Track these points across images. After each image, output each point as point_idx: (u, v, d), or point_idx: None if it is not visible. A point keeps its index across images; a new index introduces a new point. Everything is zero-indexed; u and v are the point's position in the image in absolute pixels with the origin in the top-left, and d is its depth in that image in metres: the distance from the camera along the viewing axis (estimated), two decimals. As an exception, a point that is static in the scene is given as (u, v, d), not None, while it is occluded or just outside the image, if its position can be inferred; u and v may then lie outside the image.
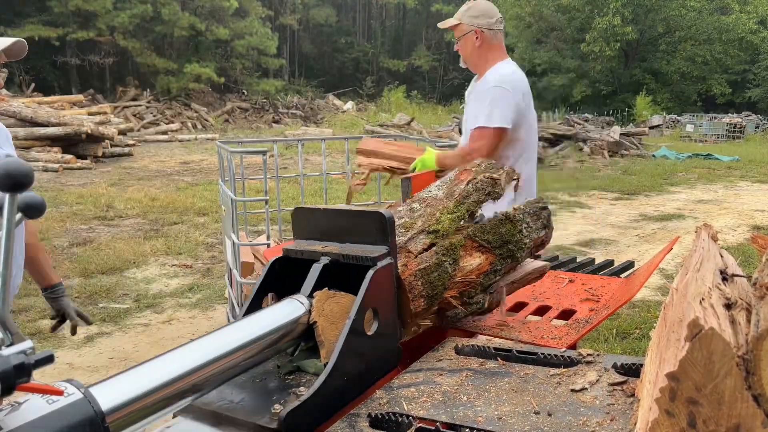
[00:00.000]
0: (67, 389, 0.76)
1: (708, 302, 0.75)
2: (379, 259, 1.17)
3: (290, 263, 1.27)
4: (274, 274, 1.26)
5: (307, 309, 1.13)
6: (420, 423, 1.03)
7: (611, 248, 6.62)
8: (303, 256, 1.24)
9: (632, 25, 31.35)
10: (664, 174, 12.63)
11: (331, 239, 1.26)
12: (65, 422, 0.73)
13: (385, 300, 1.19)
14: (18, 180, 0.81)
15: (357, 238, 1.23)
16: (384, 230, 1.19)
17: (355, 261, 1.18)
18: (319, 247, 1.25)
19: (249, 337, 1.04)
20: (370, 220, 1.21)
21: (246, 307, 1.22)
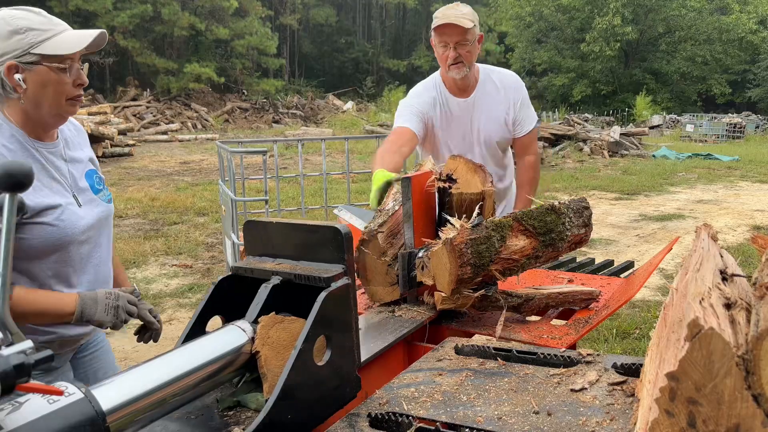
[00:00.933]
0: (68, 389, 0.76)
1: (708, 302, 0.75)
2: (334, 279, 1.04)
3: (240, 282, 1.14)
4: (222, 295, 1.13)
5: (250, 337, 1.01)
6: (420, 423, 1.03)
7: (611, 248, 6.62)
8: (253, 274, 1.12)
9: (632, 25, 31.35)
10: (664, 174, 12.63)
11: (285, 256, 1.14)
12: (66, 422, 0.73)
13: (341, 325, 1.06)
14: (18, 180, 0.81)
15: (312, 255, 1.11)
16: (339, 247, 1.07)
17: (307, 281, 1.06)
18: (270, 265, 1.13)
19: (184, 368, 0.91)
20: (325, 235, 1.08)
21: (186, 331, 1.09)
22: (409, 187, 1.63)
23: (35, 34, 1.40)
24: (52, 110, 1.45)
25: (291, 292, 1.09)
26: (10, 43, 1.38)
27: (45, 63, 1.40)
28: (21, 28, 1.39)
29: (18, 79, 1.39)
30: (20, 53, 1.39)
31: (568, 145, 15.88)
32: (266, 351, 1.01)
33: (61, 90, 1.44)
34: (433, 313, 1.62)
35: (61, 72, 1.42)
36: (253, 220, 1.19)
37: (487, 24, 36.82)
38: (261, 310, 1.05)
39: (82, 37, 1.46)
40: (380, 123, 20.96)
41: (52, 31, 1.43)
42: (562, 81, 33.45)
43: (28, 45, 1.39)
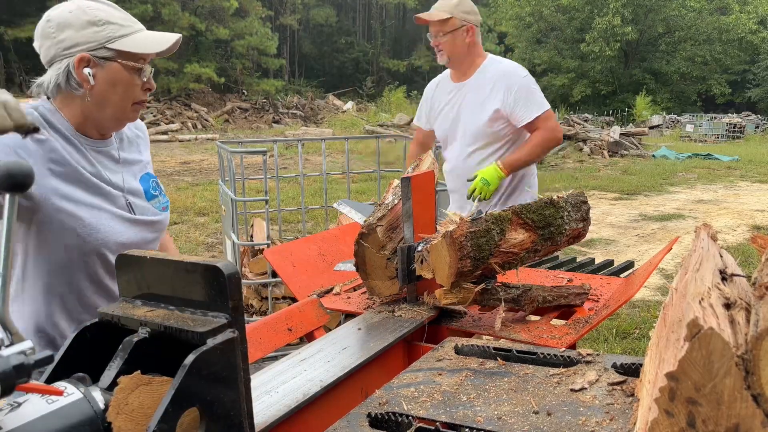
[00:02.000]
0: (67, 389, 0.76)
1: (707, 302, 0.75)
2: (212, 334, 0.83)
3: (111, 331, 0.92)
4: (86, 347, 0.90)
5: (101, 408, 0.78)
6: (420, 423, 1.03)
7: (611, 248, 6.62)
8: (119, 323, 0.92)
9: (632, 25, 31.36)
10: (664, 174, 12.63)
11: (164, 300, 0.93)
12: (65, 422, 0.73)
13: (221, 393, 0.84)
14: (18, 180, 0.81)
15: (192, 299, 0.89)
16: (222, 291, 0.85)
17: (178, 335, 0.85)
18: (141, 311, 0.91)
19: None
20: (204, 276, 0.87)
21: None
22: (409, 186, 1.63)
23: (114, 29, 1.30)
24: (115, 113, 1.35)
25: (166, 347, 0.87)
26: (85, 33, 1.28)
27: (120, 60, 1.31)
28: (99, 20, 1.29)
29: (87, 73, 1.28)
30: (95, 46, 1.28)
31: (568, 145, 15.88)
32: (122, 422, 0.78)
33: (130, 92, 1.34)
34: (433, 313, 1.62)
35: (134, 72, 1.33)
36: (127, 254, 0.96)
37: (487, 24, 36.83)
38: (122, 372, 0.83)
39: (162, 39, 1.37)
40: (380, 123, 20.95)
41: (131, 28, 1.34)
42: (562, 81, 33.46)
43: (105, 39, 1.29)
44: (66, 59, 1.28)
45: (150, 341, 0.88)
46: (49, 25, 1.29)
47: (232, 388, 0.87)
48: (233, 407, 0.87)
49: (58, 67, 1.30)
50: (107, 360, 0.86)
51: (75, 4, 1.30)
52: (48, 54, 1.31)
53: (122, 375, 0.82)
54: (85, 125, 1.36)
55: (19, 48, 24.06)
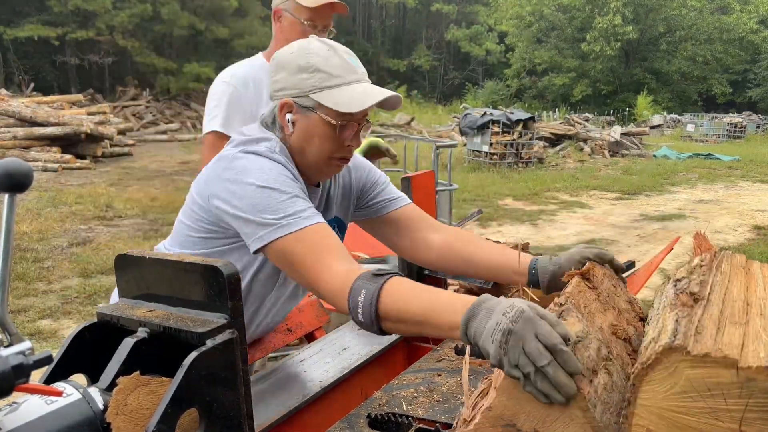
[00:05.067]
0: (66, 390, 0.76)
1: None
2: (211, 334, 0.84)
3: (110, 331, 0.92)
4: (85, 348, 0.90)
5: (100, 409, 0.78)
6: (419, 423, 1.03)
7: (611, 248, 6.61)
8: (119, 323, 0.92)
9: (633, 25, 31.35)
10: (665, 174, 12.63)
11: (164, 300, 0.93)
12: (64, 423, 0.73)
13: (220, 393, 0.84)
14: (18, 180, 0.81)
15: (191, 299, 0.90)
16: (221, 291, 0.86)
17: (178, 335, 0.85)
18: (140, 312, 0.92)
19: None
20: (203, 276, 0.87)
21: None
22: (409, 187, 1.63)
23: (321, 78, 1.22)
24: (314, 162, 1.28)
25: (169, 345, 0.87)
26: (294, 80, 1.24)
27: (320, 112, 1.23)
28: (311, 66, 1.22)
29: (288, 119, 1.25)
30: (299, 93, 1.23)
31: (569, 144, 15.87)
32: (121, 422, 0.78)
33: (327, 146, 1.25)
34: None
35: (331, 127, 1.23)
36: (126, 254, 0.97)
37: (487, 24, 36.84)
38: (121, 372, 0.83)
39: (366, 97, 1.23)
40: (380, 123, 20.95)
41: (342, 79, 1.23)
42: (562, 81, 33.45)
43: (310, 88, 1.22)
44: (276, 100, 1.27)
45: (149, 341, 0.87)
46: (273, 63, 1.28)
47: (232, 388, 0.86)
48: (233, 408, 0.87)
49: (272, 105, 1.29)
50: (106, 360, 0.86)
51: (301, 45, 1.26)
52: (270, 90, 1.30)
53: (121, 375, 0.82)
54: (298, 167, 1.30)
55: (18, 48, 24.07)
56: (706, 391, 0.72)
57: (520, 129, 13.13)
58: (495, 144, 12.84)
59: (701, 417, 0.73)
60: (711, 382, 0.72)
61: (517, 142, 13.07)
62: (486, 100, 31.94)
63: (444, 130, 18.91)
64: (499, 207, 8.95)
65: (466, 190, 9.79)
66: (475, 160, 13.37)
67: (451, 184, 5.45)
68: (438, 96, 36.86)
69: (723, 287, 0.92)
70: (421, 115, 24.40)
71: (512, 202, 9.48)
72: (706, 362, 0.71)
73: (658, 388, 0.75)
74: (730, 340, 0.74)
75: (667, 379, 0.74)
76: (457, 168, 12.39)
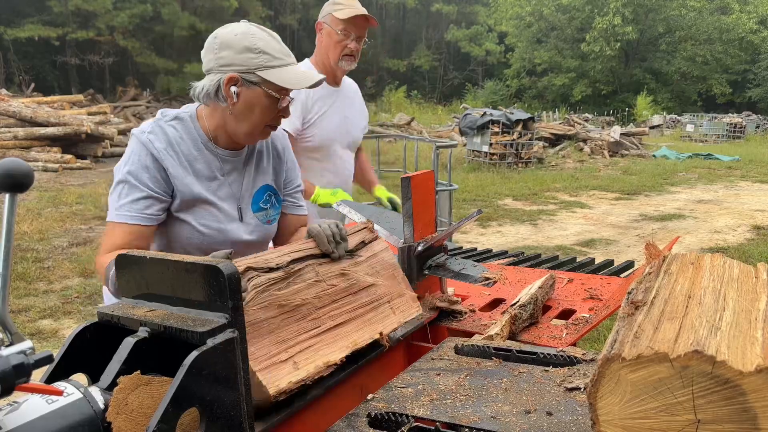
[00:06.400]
0: (67, 389, 0.77)
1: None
2: (212, 334, 0.84)
3: (110, 331, 0.93)
4: (86, 347, 0.91)
5: (101, 408, 0.79)
6: (419, 422, 1.03)
7: (611, 248, 6.61)
8: (119, 323, 0.92)
9: (632, 25, 31.34)
10: (665, 174, 12.63)
11: (164, 300, 0.94)
12: (65, 422, 0.73)
13: (221, 393, 0.85)
14: (18, 180, 0.81)
15: (192, 299, 0.91)
16: (222, 291, 0.87)
17: (179, 335, 0.86)
18: (141, 312, 0.92)
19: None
20: (203, 276, 0.88)
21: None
22: (409, 187, 1.63)
23: (266, 59, 1.44)
24: (249, 129, 1.49)
25: (169, 345, 0.88)
26: (240, 57, 1.43)
27: (264, 87, 1.44)
28: (256, 48, 1.43)
29: (233, 91, 1.44)
30: (246, 70, 1.43)
31: (569, 144, 15.88)
32: (122, 422, 0.79)
33: (266, 115, 1.48)
34: (433, 313, 1.62)
35: (272, 100, 1.46)
36: (126, 254, 0.98)
37: (487, 24, 36.83)
38: (122, 371, 0.84)
39: (305, 78, 1.48)
40: (380, 123, 20.96)
41: (282, 61, 1.46)
42: (562, 81, 33.45)
43: (257, 66, 1.43)
44: (219, 74, 1.44)
45: (150, 341, 0.87)
46: (215, 42, 1.46)
47: (232, 388, 0.87)
48: (233, 407, 0.87)
49: (211, 78, 1.46)
50: (107, 360, 0.86)
51: (242, 29, 1.46)
52: (207, 65, 1.47)
53: (122, 375, 0.82)
54: (220, 135, 1.53)
55: (18, 48, 24.07)
56: (653, 390, 0.74)
57: (519, 129, 13.14)
58: (495, 144, 12.85)
59: (659, 416, 0.75)
60: (653, 380, 0.74)
61: (517, 142, 13.07)
62: (486, 101, 31.94)
63: (444, 131, 18.92)
64: (499, 207, 8.95)
65: (465, 190, 9.79)
66: (474, 160, 13.38)
67: (451, 184, 5.45)
68: (438, 96, 36.85)
69: (668, 288, 0.94)
70: (421, 116, 24.40)
71: (512, 202, 9.48)
72: (642, 363, 0.74)
73: (613, 400, 0.77)
74: (664, 336, 0.76)
75: (616, 389, 0.77)
76: (457, 168, 12.39)
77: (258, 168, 1.63)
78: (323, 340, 1.20)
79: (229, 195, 1.56)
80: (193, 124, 1.52)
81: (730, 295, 0.90)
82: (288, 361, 1.10)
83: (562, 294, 1.90)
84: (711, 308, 0.85)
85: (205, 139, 1.52)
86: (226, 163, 1.55)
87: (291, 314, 1.16)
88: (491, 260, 2.70)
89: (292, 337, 1.14)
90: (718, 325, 0.79)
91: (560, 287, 1.97)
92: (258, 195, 1.62)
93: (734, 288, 0.93)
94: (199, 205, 1.50)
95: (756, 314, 0.84)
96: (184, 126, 1.51)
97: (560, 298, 1.86)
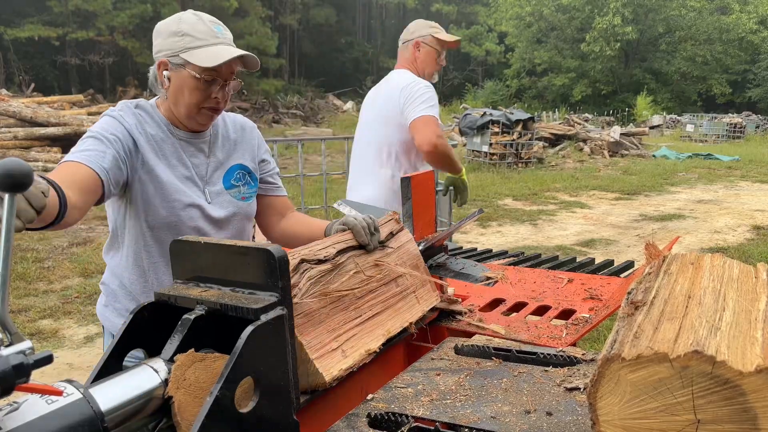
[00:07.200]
0: (67, 389, 0.76)
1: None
2: (264, 310, 0.92)
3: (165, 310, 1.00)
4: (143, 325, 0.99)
5: (164, 378, 0.87)
6: (419, 423, 1.03)
7: (611, 248, 6.62)
8: (176, 302, 0.99)
9: (632, 25, 31.35)
10: (665, 174, 12.63)
11: (215, 282, 1.02)
12: (64, 422, 0.73)
13: (272, 364, 0.92)
14: (18, 180, 0.81)
15: (244, 280, 0.98)
16: (273, 272, 0.94)
17: (234, 312, 0.93)
18: (196, 291, 1.00)
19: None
20: (256, 259, 0.96)
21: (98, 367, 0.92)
22: (409, 187, 1.63)
23: (189, 40, 1.47)
24: (185, 112, 1.53)
25: (219, 324, 0.95)
26: (168, 42, 1.48)
27: (188, 69, 1.48)
28: (180, 31, 1.48)
29: (165, 75, 1.50)
30: (171, 54, 1.48)
31: (569, 145, 15.88)
32: (181, 396, 0.87)
33: (196, 97, 1.50)
34: (433, 313, 1.62)
35: (199, 81, 1.48)
36: (181, 240, 1.06)
37: (487, 24, 36.82)
38: (181, 346, 0.91)
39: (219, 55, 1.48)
40: (380, 123, 20.93)
41: (206, 42, 1.48)
42: (562, 81, 33.45)
43: (180, 48, 1.47)
44: (156, 62, 1.53)
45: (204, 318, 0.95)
46: (155, 31, 1.54)
47: (282, 359, 0.95)
48: (282, 378, 0.94)
49: (153, 67, 1.54)
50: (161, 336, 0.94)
51: (177, 16, 1.53)
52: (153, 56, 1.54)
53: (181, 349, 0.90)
54: (174, 120, 1.57)
55: (19, 48, 24.07)
56: (653, 390, 0.74)
57: (519, 129, 13.14)
58: (495, 144, 12.85)
59: (659, 416, 0.75)
60: (653, 380, 0.74)
61: (517, 143, 13.07)
62: (486, 101, 31.95)
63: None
64: (499, 207, 8.95)
65: (465, 191, 9.78)
66: (474, 160, 13.38)
67: (451, 184, 5.43)
68: (438, 96, 36.83)
69: (668, 288, 0.93)
70: (421, 116, 24.33)
71: (512, 202, 9.48)
72: (642, 363, 0.74)
73: (613, 401, 0.77)
74: (664, 336, 0.76)
75: (616, 389, 0.77)
76: (456, 168, 12.39)
77: (224, 149, 1.66)
78: (364, 328, 1.28)
79: (196, 176, 1.59)
80: (153, 111, 1.57)
81: (730, 295, 0.90)
82: (338, 350, 1.18)
83: (562, 294, 1.90)
84: (711, 308, 0.85)
85: (167, 123, 1.56)
86: (190, 145, 1.59)
87: (337, 304, 1.23)
88: (491, 260, 2.70)
89: (339, 326, 1.21)
90: (718, 325, 0.79)
91: (560, 287, 1.97)
92: (229, 173, 1.66)
93: (734, 288, 0.93)
94: (166, 185, 1.53)
95: (756, 314, 0.84)
96: (147, 113, 1.56)
97: (560, 298, 1.86)
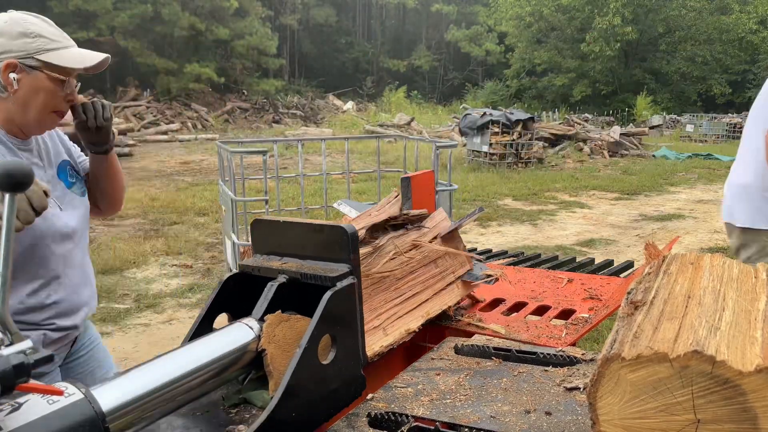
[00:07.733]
0: (68, 389, 0.76)
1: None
2: (339, 279, 1.05)
3: (247, 280, 1.15)
4: (229, 292, 1.14)
5: (257, 334, 1.02)
6: (419, 422, 1.03)
7: (611, 248, 6.62)
8: (260, 273, 1.14)
9: (632, 25, 31.33)
10: (664, 174, 12.63)
11: (292, 255, 1.16)
12: (65, 423, 0.73)
13: (346, 324, 1.07)
14: (18, 180, 0.81)
15: (319, 254, 1.12)
16: (346, 246, 1.08)
17: (313, 280, 1.07)
18: (277, 263, 1.15)
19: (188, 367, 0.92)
20: (331, 235, 1.10)
21: (193, 328, 1.09)
22: (409, 187, 1.63)
23: (44, 42, 1.43)
24: (36, 116, 1.46)
25: (297, 291, 1.10)
26: (16, 43, 1.40)
27: (45, 71, 1.43)
28: (31, 32, 1.42)
29: (12, 78, 1.41)
30: (24, 55, 1.41)
31: (568, 145, 15.88)
32: (272, 349, 1.02)
33: (51, 100, 1.45)
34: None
35: (57, 83, 1.44)
36: (261, 219, 1.21)
37: (487, 24, 36.81)
38: (267, 309, 1.06)
39: (88, 57, 1.47)
40: (380, 123, 20.96)
41: (61, 44, 1.45)
42: (562, 81, 33.43)
43: (35, 50, 1.41)
44: None
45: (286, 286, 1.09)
46: None
47: (353, 321, 1.09)
48: (353, 337, 1.10)
49: None
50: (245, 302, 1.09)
51: (9, 16, 1.43)
52: None
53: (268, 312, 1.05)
54: (11, 126, 1.47)
55: (19, 48, 24.00)
56: (653, 390, 0.74)
57: (519, 129, 13.14)
58: (495, 144, 12.85)
59: (659, 416, 0.75)
60: (653, 380, 0.74)
61: (517, 143, 13.07)
62: (486, 101, 31.94)
63: (444, 131, 18.91)
64: (499, 207, 8.95)
65: (465, 191, 9.79)
66: (474, 160, 13.38)
67: (451, 184, 5.44)
68: (438, 96, 36.84)
69: (668, 288, 0.94)
70: (421, 116, 24.40)
71: (512, 202, 9.48)
72: (642, 362, 0.74)
73: (612, 401, 0.77)
74: (664, 336, 0.77)
75: (615, 389, 0.77)
76: (457, 168, 12.39)
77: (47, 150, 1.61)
78: (404, 308, 1.37)
79: None
80: None
81: (729, 295, 0.90)
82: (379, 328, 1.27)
83: (562, 294, 1.90)
84: (711, 308, 0.85)
85: (2, 133, 1.46)
86: (23, 153, 1.51)
87: (378, 285, 1.32)
88: (491, 260, 2.70)
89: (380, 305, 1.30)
90: (717, 325, 0.79)
91: (560, 287, 1.97)
92: (62, 174, 1.61)
93: (734, 288, 0.93)
94: None
95: (756, 314, 0.84)
96: None
97: (560, 298, 1.86)
